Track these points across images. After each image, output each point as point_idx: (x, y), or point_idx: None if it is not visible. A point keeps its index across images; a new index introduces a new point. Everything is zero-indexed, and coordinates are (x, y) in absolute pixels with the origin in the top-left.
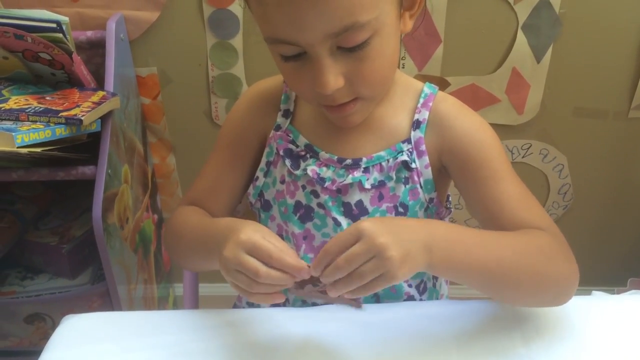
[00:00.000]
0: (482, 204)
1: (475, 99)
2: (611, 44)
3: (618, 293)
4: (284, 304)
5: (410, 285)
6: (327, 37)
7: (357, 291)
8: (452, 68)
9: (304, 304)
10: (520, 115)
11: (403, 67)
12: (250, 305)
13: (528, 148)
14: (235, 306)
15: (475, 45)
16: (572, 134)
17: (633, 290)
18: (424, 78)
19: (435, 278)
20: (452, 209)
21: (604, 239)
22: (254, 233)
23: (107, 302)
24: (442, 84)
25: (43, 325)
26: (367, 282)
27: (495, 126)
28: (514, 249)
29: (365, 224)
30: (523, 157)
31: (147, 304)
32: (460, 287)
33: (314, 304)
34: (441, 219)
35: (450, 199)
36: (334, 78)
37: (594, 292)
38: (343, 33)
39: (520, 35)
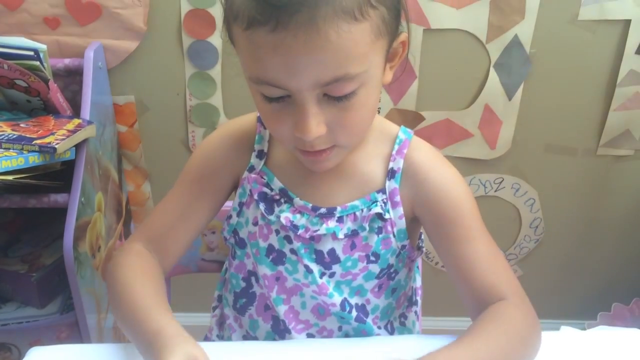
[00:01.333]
0: (453, 262)
1: (449, 133)
2: (580, 83)
3: (588, 327)
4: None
5: (379, 327)
6: (317, 85)
7: None
8: (427, 103)
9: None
10: (493, 150)
11: (379, 101)
12: (221, 338)
13: (500, 182)
14: (206, 338)
15: (449, 82)
16: (543, 170)
17: (602, 326)
18: (400, 113)
19: (403, 316)
20: (423, 249)
21: (574, 272)
22: None
23: (76, 332)
24: (417, 119)
25: (9, 356)
26: None
27: (469, 160)
28: (500, 348)
29: None
30: (495, 190)
31: (117, 334)
32: (433, 319)
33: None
34: (412, 261)
35: (422, 237)
36: (316, 125)
37: (562, 327)
38: (333, 83)
39: (493, 73)
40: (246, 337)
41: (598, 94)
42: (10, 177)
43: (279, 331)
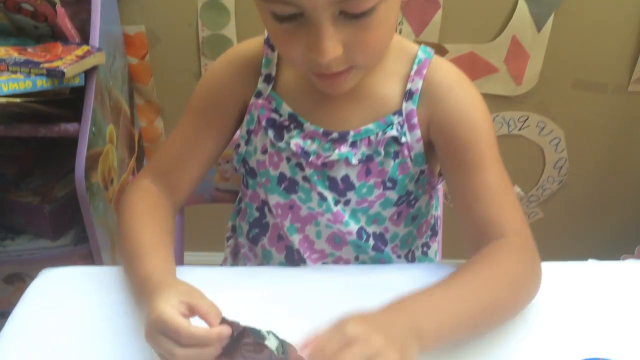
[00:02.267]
0: (459, 189)
1: (473, 68)
2: (613, 16)
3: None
4: None
5: (399, 257)
6: (333, 1)
7: None
8: (451, 35)
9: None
10: (519, 86)
11: (400, 33)
12: None
13: (525, 120)
14: None
15: (474, 12)
16: (571, 107)
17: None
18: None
19: (426, 246)
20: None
21: (598, 215)
22: (164, 309)
23: (90, 264)
24: (440, 52)
25: (23, 286)
26: None
27: (493, 97)
28: (489, 290)
29: (352, 328)
30: (519, 129)
31: None
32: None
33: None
34: (433, 187)
35: None
36: (333, 46)
37: (590, 260)
38: None
39: (521, 2)
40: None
41: (632, 27)
42: (17, 100)
43: (294, 261)
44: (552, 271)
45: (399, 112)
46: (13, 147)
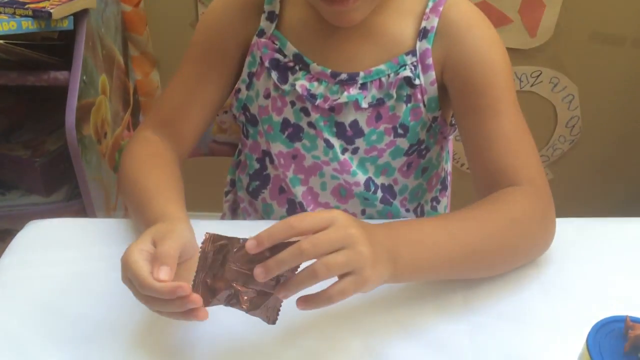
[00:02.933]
0: (472, 135)
1: None
2: None
3: None
4: None
5: (407, 210)
6: None
7: (313, 299)
8: None
9: None
10: (533, 38)
11: None
12: None
13: (538, 76)
14: None
15: None
16: (586, 62)
17: None
18: None
19: (435, 200)
20: (456, 126)
21: (611, 177)
22: (131, 252)
23: None
24: None
25: None
26: (330, 278)
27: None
28: (484, 232)
29: (337, 212)
30: (532, 85)
31: None
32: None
33: None
34: (445, 137)
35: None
36: None
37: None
38: None
39: None
40: None
41: None
42: (1, 42)
43: None
44: (571, 227)
45: (412, 52)
46: (3, 99)
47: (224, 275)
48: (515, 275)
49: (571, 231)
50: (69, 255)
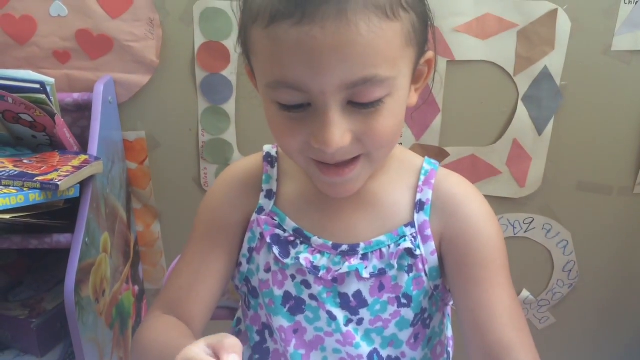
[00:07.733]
0: (471, 307)
1: (475, 170)
2: (614, 117)
3: None
4: None
5: None
6: (343, 86)
7: None
8: (451, 138)
9: None
10: (522, 188)
11: (400, 137)
12: None
13: (530, 222)
14: None
15: (474, 116)
16: (577, 209)
17: None
18: (422, 148)
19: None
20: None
21: (612, 319)
22: (190, 349)
23: None
24: (441, 155)
25: None
26: None
27: (496, 199)
28: None
29: None
30: (525, 231)
31: None
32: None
33: None
34: (446, 305)
35: None
36: (340, 134)
37: None
38: (360, 85)
39: (521, 106)
40: None
41: (634, 129)
42: (7, 216)
43: None
44: None
45: (411, 224)
46: (4, 257)
47: None
48: None
49: None
50: None
